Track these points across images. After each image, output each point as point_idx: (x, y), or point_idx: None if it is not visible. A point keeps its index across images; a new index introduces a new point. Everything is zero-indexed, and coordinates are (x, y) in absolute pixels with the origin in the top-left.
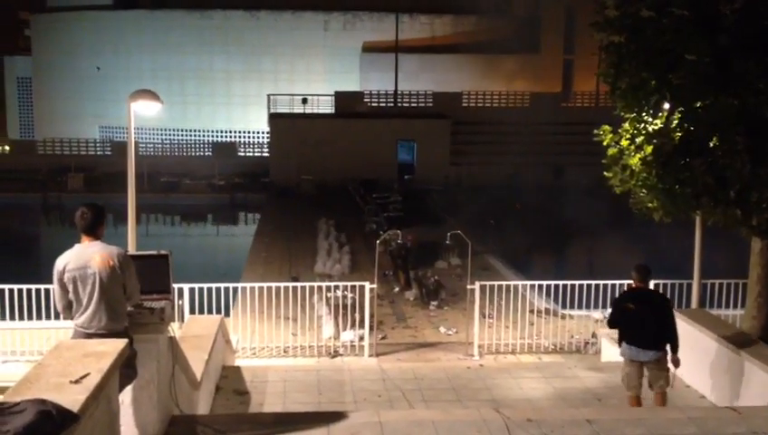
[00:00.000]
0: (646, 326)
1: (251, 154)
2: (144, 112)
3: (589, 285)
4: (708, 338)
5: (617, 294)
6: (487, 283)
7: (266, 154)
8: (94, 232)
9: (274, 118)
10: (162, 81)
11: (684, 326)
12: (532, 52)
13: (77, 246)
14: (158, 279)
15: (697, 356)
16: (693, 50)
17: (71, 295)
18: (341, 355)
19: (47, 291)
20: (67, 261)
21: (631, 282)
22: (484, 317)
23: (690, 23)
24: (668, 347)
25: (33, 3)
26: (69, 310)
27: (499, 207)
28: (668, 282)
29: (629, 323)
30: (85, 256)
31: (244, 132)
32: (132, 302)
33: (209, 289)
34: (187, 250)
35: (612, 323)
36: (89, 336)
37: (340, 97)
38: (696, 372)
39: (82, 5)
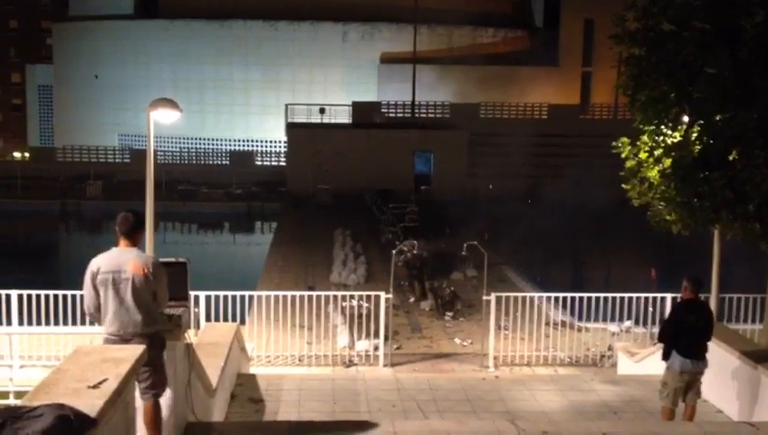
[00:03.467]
0: (703, 338)
1: (268, 163)
2: (163, 121)
3: (605, 298)
4: (725, 352)
5: (634, 308)
6: (503, 294)
7: (283, 163)
8: (133, 237)
9: (292, 127)
10: (181, 90)
11: None
12: (550, 64)
13: (114, 250)
14: (175, 286)
15: (715, 371)
16: (713, 63)
17: (101, 299)
18: (356, 365)
19: (65, 297)
20: (101, 263)
21: (678, 295)
22: (500, 329)
23: (711, 36)
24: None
25: (55, 12)
26: (98, 312)
27: (516, 218)
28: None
29: (687, 335)
30: (120, 261)
31: (262, 142)
32: (160, 309)
33: (225, 297)
34: (204, 258)
35: (667, 336)
36: (126, 341)
37: (357, 107)
38: (713, 386)
39: (104, 15)
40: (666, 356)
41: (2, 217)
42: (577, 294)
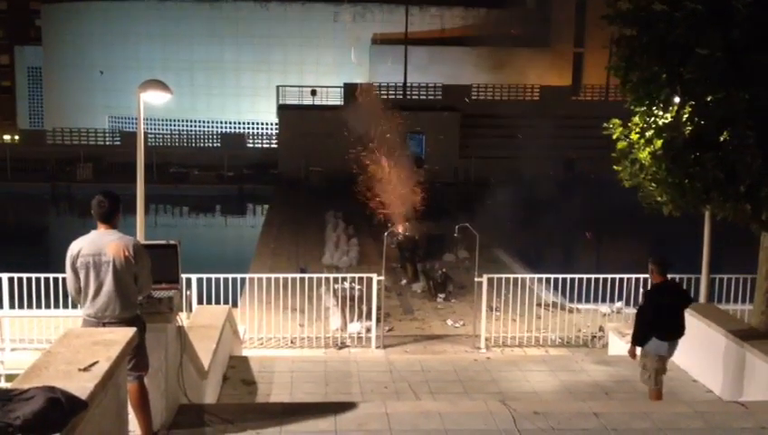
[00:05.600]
0: (678, 320)
1: (260, 145)
2: (153, 103)
3: (596, 279)
4: (716, 333)
5: (625, 288)
6: (495, 276)
7: (275, 145)
8: (111, 221)
9: (283, 109)
10: (172, 71)
11: (692, 321)
12: (542, 45)
13: (93, 233)
14: (166, 269)
15: (705, 351)
16: (705, 44)
17: (81, 282)
18: (349, 347)
19: (56, 280)
20: (81, 246)
21: (647, 275)
22: (492, 310)
23: (703, 16)
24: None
25: None
26: (79, 294)
27: (509, 201)
28: (677, 276)
29: (664, 318)
30: (100, 244)
31: (254, 124)
32: (143, 293)
33: (217, 279)
34: (196, 241)
35: (647, 322)
36: (102, 326)
37: (349, 89)
38: (703, 366)
39: None
40: (640, 341)
41: None
42: (568, 276)
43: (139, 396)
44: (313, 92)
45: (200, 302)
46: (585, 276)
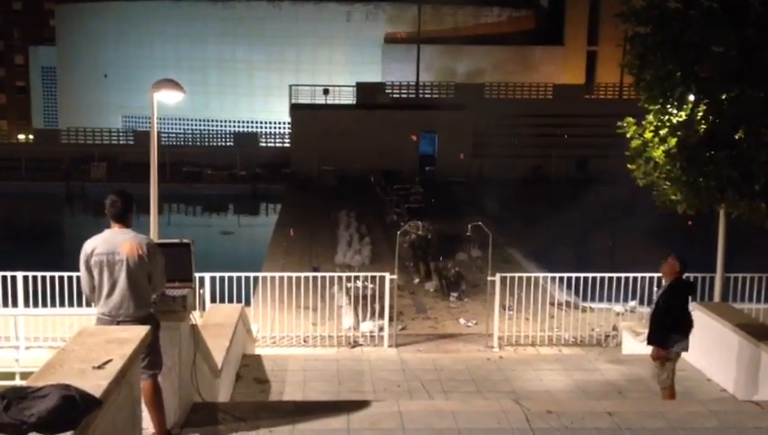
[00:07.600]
0: (689, 314)
1: (272, 145)
2: (167, 102)
3: (610, 278)
4: (730, 332)
5: (639, 287)
6: (508, 275)
7: (288, 145)
8: (124, 220)
9: (296, 108)
10: (185, 71)
11: (706, 320)
12: (555, 43)
13: (107, 232)
14: (180, 267)
15: (719, 350)
16: (720, 42)
17: (95, 280)
18: (361, 345)
19: (70, 278)
20: (95, 245)
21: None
22: (505, 309)
23: (717, 15)
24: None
25: None
26: (94, 293)
27: (520, 199)
28: (691, 275)
29: (686, 316)
30: (114, 242)
31: (266, 123)
32: (157, 292)
33: (230, 278)
34: (209, 240)
35: (674, 320)
36: (116, 324)
37: (361, 88)
38: (717, 365)
39: None
40: (660, 340)
41: (7, 198)
42: (582, 275)
43: (153, 394)
44: (326, 91)
45: (213, 300)
46: (599, 275)
